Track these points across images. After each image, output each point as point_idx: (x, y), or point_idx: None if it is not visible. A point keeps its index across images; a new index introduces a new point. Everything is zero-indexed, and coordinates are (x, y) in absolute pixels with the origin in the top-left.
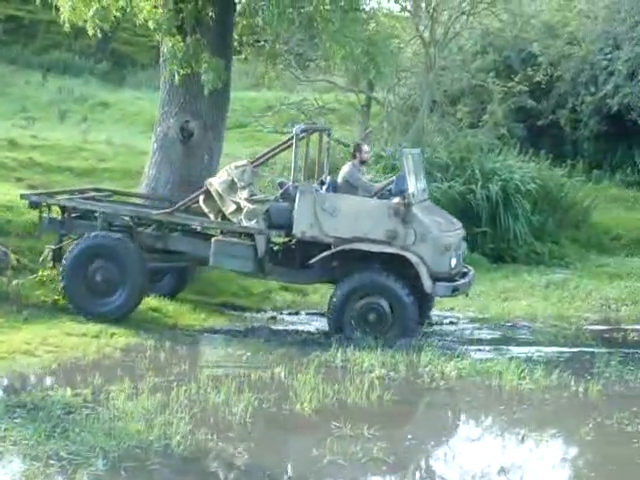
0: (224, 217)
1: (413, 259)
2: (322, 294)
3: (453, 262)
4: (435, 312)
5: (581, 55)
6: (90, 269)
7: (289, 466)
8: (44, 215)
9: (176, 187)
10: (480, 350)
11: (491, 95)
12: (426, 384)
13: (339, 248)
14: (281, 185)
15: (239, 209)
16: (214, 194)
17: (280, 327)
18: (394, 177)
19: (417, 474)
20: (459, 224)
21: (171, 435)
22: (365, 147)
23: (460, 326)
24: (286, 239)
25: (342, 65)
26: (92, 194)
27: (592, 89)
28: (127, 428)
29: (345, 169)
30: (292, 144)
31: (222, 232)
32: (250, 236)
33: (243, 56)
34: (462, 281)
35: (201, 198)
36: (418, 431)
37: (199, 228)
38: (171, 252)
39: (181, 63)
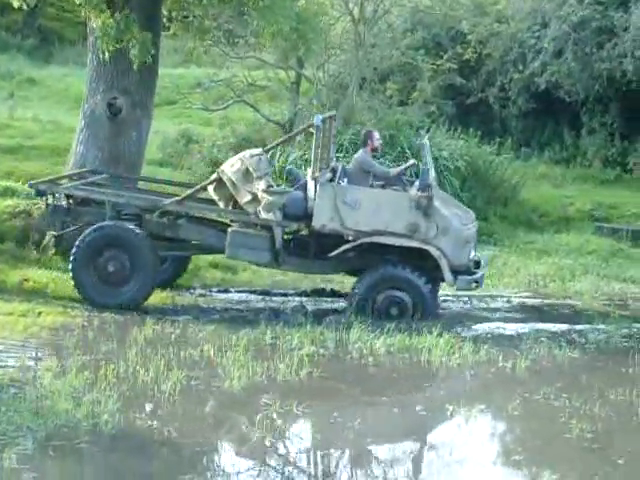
0: (235, 205)
1: (435, 252)
2: (252, 271)
3: (472, 254)
4: None
5: (509, 33)
6: (101, 259)
7: (218, 443)
8: (49, 203)
9: (104, 164)
10: (410, 327)
11: (420, 73)
12: (355, 360)
13: (360, 241)
14: (290, 173)
15: (255, 199)
16: (227, 183)
17: (210, 305)
18: (411, 161)
19: (346, 450)
20: (472, 214)
21: (99, 413)
22: (376, 134)
23: None
24: (296, 228)
25: (272, 42)
26: (92, 179)
27: (520, 67)
28: (55, 407)
29: (357, 157)
30: (303, 132)
31: (233, 221)
32: (266, 227)
33: (171, 32)
34: (480, 273)
35: (212, 186)
36: (346, 408)
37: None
38: (178, 241)
39: (111, 40)
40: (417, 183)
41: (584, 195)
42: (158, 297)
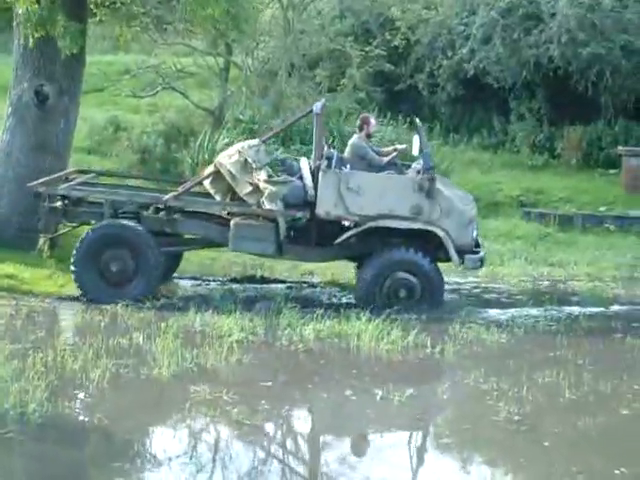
0: (232, 198)
1: (440, 233)
2: (184, 258)
3: (475, 234)
4: (294, 277)
5: (438, 20)
6: (103, 258)
7: (148, 430)
8: (44, 204)
9: (31, 152)
10: (339, 313)
11: (349, 59)
12: (284, 347)
13: (366, 226)
14: (283, 163)
15: (256, 190)
16: (226, 175)
17: None
18: (401, 146)
19: (276, 437)
20: (470, 196)
21: (27, 402)
22: (372, 120)
23: (320, 290)
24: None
25: (204, 26)
26: (82, 179)
27: (449, 53)
28: None
29: (353, 143)
30: (301, 119)
31: (229, 214)
32: (269, 218)
33: (98, 18)
34: (482, 252)
35: (208, 179)
36: (276, 394)
37: (222, 212)
38: (174, 236)
39: (36, 26)
40: (416, 166)
41: (512, 180)
42: None
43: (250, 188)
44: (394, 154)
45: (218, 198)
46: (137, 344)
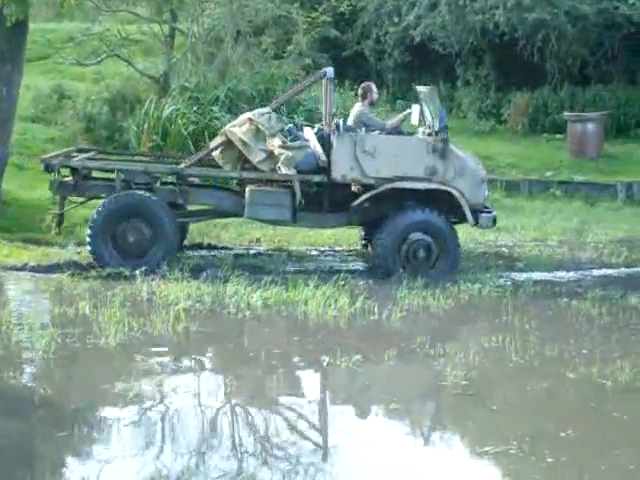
0: (243, 167)
1: (455, 193)
2: None
3: (486, 193)
4: (242, 244)
5: None
6: (119, 230)
7: (94, 400)
8: (55, 179)
9: None
10: (287, 280)
11: (295, 26)
12: (232, 315)
13: (382, 188)
14: (289, 132)
15: (269, 157)
16: (237, 143)
17: (86, 261)
18: (406, 111)
19: (225, 404)
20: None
21: None
22: (374, 87)
23: (268, 257)
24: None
25: None
26: (86, 155)
27: (395, 20)
28: None
29: (356, 110)
30: (314, 83)
31: (239, 183)
32: (284, 184)
33: None
34: (494, 212)
35: (219, 149)
36: (225, 362)
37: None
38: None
39: None
40: (424, 129)
41: (459, 146)
42: (33, 253)
43: (263, 155)
44: (399, 119)
45: (228, 168)
46: (83, 314)
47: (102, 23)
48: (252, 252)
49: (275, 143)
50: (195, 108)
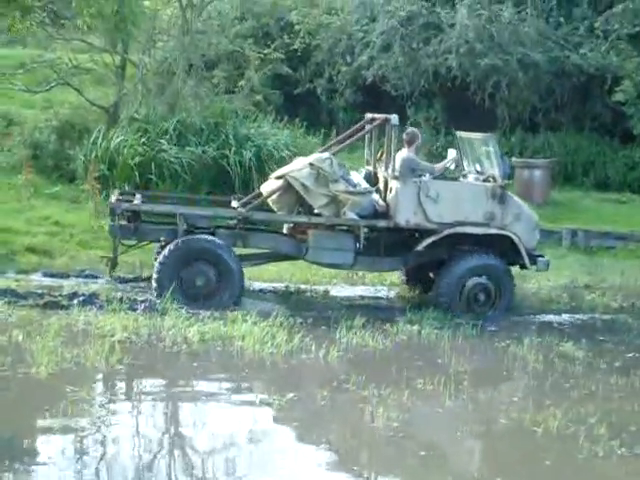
0: (299, 212)
1: (515, 238)
2: (69, 257)
3: (538, 237)
4: None
5: (338, 25)
6: (186, 274)
7: (23, 430)
8: (114, 223)
9: None
10: (225, 316)
11: (248, 61)
12: (168, 348)
13: (445, 233)
14: (342, 176)
15: (332, 202)
16: (298, 188)
17: (24, 289)
18: (453, 155)
19: (152, 439)
20: None
21: None
22: (419, 133)
23: None
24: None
25: (91, 23)
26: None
27: (349, 59)
28: None
29: (404, 157)
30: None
31: (293, 228)
32: (346, 229)
33: None
34: (546, 256)
35: (276, 194)
36: (155, 396)
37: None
38: None
39: None
40: (500, 171)
41: None
42: None
43: (325, 200)
44: (446, 161)
45: (281, 213)
46: (17, 342)
47: (54, 51)
48: None
49: (339, 188)
50: (143, 140)
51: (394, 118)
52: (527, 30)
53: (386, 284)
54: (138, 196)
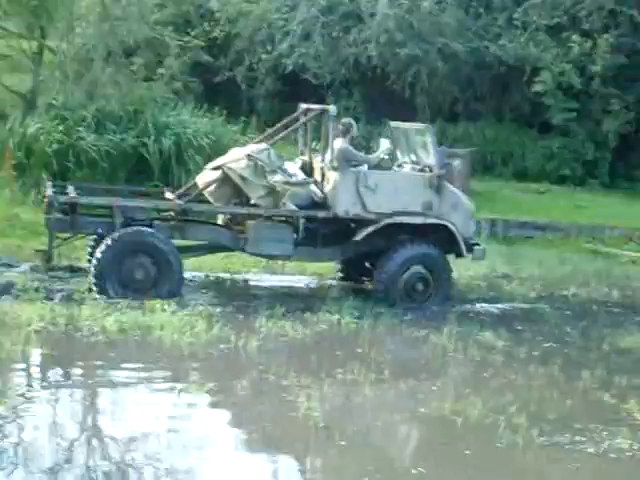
0: (236, 204)
1: (452, 227)
2: None
3: (474, 226)
4: None
5: (258, 13)
6: (125, 267)
7: None
8: (51, 216)
9: None
10: (144, 305)
11: (168, 49)
12: (85, 338)
13: (384, 223)
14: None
15: (270, 193)
16: (236, 179)
17: None
18: (387, 145)
19: (80, 428)
20: None
21: None
22: (354, 123)
23: None
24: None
25: (9, 7)
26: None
27: (269, 48)
28: None
29: (340, 147)
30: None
31: (231, 220)
32: (285, 220)
33: None
34: (482, 245)
35: (213, 185)
36: (71, 387)
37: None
38: None
39: None
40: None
41: None
42: None
43: (263, 191)
44: (381, 152)
45: (218, 204)
46: None
47: None
48: None
49: (277, 179)
50: (61, 127)
51: (332, 109)
52: (447, 20)
53: (306, 274)
54: (71, 188)
